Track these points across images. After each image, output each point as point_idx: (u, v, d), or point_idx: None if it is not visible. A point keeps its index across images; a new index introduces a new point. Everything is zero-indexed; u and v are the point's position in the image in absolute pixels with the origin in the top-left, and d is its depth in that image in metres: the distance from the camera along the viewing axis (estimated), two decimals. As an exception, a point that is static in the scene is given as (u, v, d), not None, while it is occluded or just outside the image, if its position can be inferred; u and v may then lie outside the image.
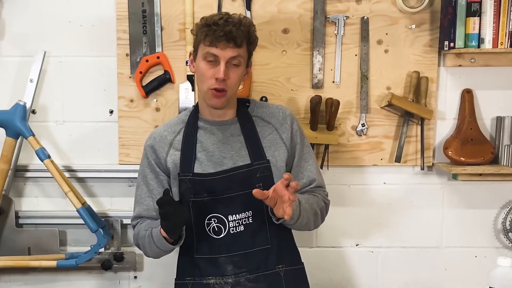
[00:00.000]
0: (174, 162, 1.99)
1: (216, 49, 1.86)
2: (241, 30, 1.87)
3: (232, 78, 1.90)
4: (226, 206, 1.95)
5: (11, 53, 2.40)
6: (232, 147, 1.98)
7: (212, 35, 1.85)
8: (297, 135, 2.05)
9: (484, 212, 2.51)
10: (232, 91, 1.94)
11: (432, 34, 2.38)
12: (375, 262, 2.53)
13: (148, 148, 2.04)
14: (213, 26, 1.86)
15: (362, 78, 2.40)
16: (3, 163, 2.30)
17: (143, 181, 2.05)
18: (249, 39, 1.91)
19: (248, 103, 2.07)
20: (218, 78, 1.87)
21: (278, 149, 2.00)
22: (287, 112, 2.06)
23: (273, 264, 1.99)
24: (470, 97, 2.41)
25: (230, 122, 2.01)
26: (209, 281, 1.97)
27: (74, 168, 2.45)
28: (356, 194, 2.48)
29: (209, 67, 1.89)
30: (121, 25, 2.38)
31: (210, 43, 1.86)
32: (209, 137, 2.00)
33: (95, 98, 2.43)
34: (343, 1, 2.37)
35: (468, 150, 2.38)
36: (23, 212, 2.45)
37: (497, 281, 1.82)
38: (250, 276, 1.97)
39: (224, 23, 1.86)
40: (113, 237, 2.44)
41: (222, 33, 1.84)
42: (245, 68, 1.96)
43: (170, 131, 2.03)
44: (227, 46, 1.86)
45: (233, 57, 1.88)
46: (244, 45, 1.90)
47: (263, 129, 2.02)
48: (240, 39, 1.86)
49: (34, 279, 2.50)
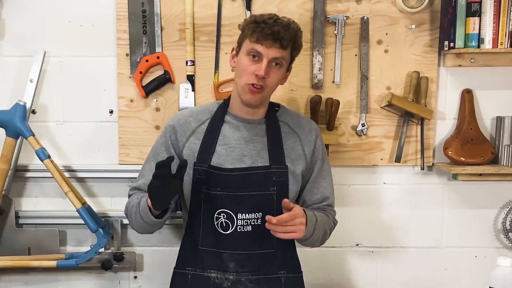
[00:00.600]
0: (192, 150, 1.99)
1: (261, 47, 1.87)
2: (289, 33, 1.88)
3: (271, 78, 1.91)
4: (237, 204, 1.95)
5: (11, 53, 2.40)
6: (254, 146, 1.99)
7: (260, 33, 1.86)
8: (319, 150, 2.07)
9: (484, 212, 2.51)
10: (269, 91, 1.95)
11: (432, 34, 2.38)
12: (375, 262, 2.53)
13: (170, 128, 2.03)
14: (261, 24, 1.87)
15: (362, 78, 2.40)
16: (3, 163, 2.30)
17: (153, 158, 2.02)
18: (294, 43, 1.92)
19: (278, 107, 2.08)
20: (259, 75, 1.87)
21: (297, 159, 2.02)
22: (313, 126, 2.09)
23: (276, 269, 2.00)
24: (470, 97, 2.41)
25: (257, 122, 2.02)
26: (210, 274, 1.97)
27: (74, 168, 2.45)
28: (356, 194, 2.48)
29: (251, 63, 1.90)
30: (121, 25, 2.38)
31: (256, 40, 1.87)
32: (233, 132, 2.00)
33: (95, 98, 2.43)
34: (343, 1, 2.37)
35: (468, 150, 2.38)
36: (23, 212, 2.45)
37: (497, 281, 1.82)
38: (252, 277, 1.98)
39: (273, 23, 1.87)
40: (113, 237, 2.44)
41: (269, 32, 1.85)
42: (285, 72, 1.97)
43: (195, 119, 2.03)
44: (273, 45, 1.87)
45: (277, 57, 1.89)
46: (289, 48, 1.91)
47: (288, 136, 2.03)
48: (286, 41, 1.87)
49: (34, 279, 2.50)
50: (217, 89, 2.39)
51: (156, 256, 2.50)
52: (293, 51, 1.94)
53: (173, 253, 2.08)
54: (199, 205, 1.97)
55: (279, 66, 1.91)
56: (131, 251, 2.49)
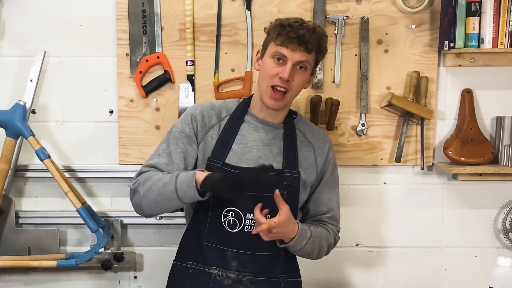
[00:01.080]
0: (208, 144, 1.98)
1: (286, 50, 1.88)
2: (314, 37, 1.89)
3: (295, 81, 1.91)
4: (247, 204, 1.94)
5: (11, 53, 2.40)
6: (271, 149, 2.00)
7: (285, 36, 1.87)
8: (330, 163, 2.09)
9: (484, 212, 2.51)
10: (292, 95, 1.95)
11: (432, 34, 2.38)
12: (375, 262, 2.53)
13: (193, 116, 1.99)
14: (287, 27, 1.88)
15: (362, 78, 2.40)
16: (3, 163, 2.30)
17: (173, 142, 1.98)
18: (319, 47, 1.93)
19: (295, 115, 2.09)
20: (283, 78, 1.88)
21: (309, 168, 2.03)
22: (327, 138, 2.12)
23: (277, 272, 2.00)
24: (470, 97, 2.41)
25: (276, 126, 2.03)
26: (212, 270, 1.97)
27: (74, 168, 2.44)
28: (356, 194, 2.48)
29: (276, 65, 1.90)
30: (121, 25, 2.38)
31: (282, 43, 1.88)
32: (251, 133, 2.00)
33: (95, 98, 2.43)
34: (343, 1, 2.37)
35: (468, 150, 2.38)
36: (23, 212, 2.45)
37: (497, 281, 1.82)
38: (253, 278, 1.98)
39: (298, 26, 1.88)
40: (113, 237, 2.44)
41: (295, 35, 1.86)
42: (309, 76, 1.97)
43: (216, 113, 2.03)
44: (298, 49, 1.87)
45: (301, 61, 1.89)
46: (314, 52, 1.92)
47: (302, 145, 2.04)
48: (311, 44, 1.88)
49: (34, 279, 2.50)
50: (217, 89, 2.39)
51: (156, 256, 2.50)
52: (317, 55, 1.95)
53: (173, 253, 2.07)
54: (207, 201, 1.94)
55: (303, 70, 1.92)
56: (131, 251, 2.49)
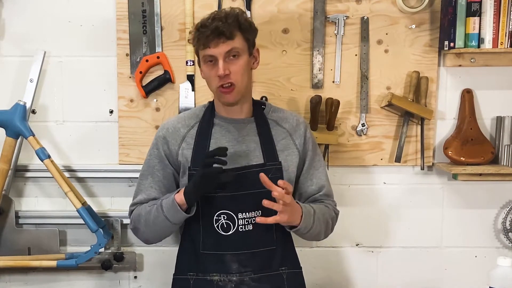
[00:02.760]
0: (185, 156, 1.99)
1: (210, 49, 1.88)
2: (228, 23, 1.87)
3: (234, 71, 1.90)
4: (236, 204, 1.95)
5: (11, 53, 2.40)
6: (247, 146, 1.99)
7: (203, 37, 1.87)
8: (309, 142, 2.07)
9: (484, 212, 2.51)
10: (241, 84, 1.93)
11: (432, 34, 2.38)
12: (375, 262, 2.53)
13: (160, 138, 2.03)
14: (201, 29, 1.88)
15: (362, 78, 2.40)
16: (3, 163, 2.30)
17: (149, 171, 2.03)
18: (240, 27, 1.90)
19: (264, 105, 2.08)
20: (220, 75, 1.88)
21: (290, 154, 2.02)
22: (300, 120, 2.10)
23: (277, 265, 2.00)
24: (470, 97, 2.41)
25: (246, 121, 2.02)
26: (213, 277, 1.97)
27: (74, 168, 2.44)
28: (356, 194, 2.48)
29: (211, 68, 1.91)
30: (121, 25, 2.38)
31: (204, 45, 1.88)
32: (224, 134, 2.00)
33: (95, 98, 2.43)
34: (343, 1, 2.37)
35: (468, 150, 2.38)
36: (23, 212, 2.45)
37: (497, 281, 1.82)
38: (255, 276, 1.98)
39: (210, 22, 1.87)
40: (113, 237, 2.44)
41: (209, 32, 1.86)
42: (249, 57, 1.95)
43: (184, 124, 2.03)
44: (219, 42, 1.87)
45: (228, 50, 1.88)
46: (238, 35, 1.89)
47: (277, 133, 2.03)
48: (228, 31, 1.86)
49: (34, 279, 2.50)
50: (216, 89, 2.39)
51: (156, 256, 2.50)
52: (244, 34, 1.92)
53: (172, 253, 2.08)
54: (196, 208, 1.95)
55: (237, 57, 1.90)
56: (131, 251, 2.49)
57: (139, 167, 2.28)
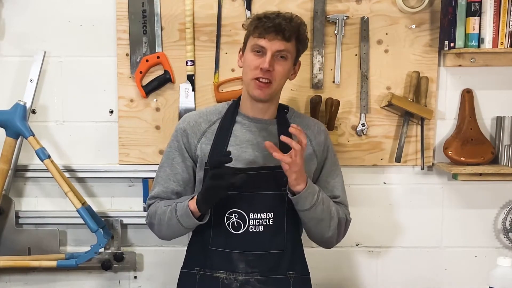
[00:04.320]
0: (204, 151, 1.98)
1: (264, 41, 1.87)
2: (291, 25, 1.88)
3: (277, 71, 1.90)
4: (249, 204, 1.94)
5: (11, 53, 2.40)
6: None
7: (262, 27, 1.87)
8: (329, 150, 2.08)
9: (484, 212, 2.51)
10: (277, 85, 1.93)
11: (432, 34, 2.38)
12: (375, 262, 2.53)
13: (181, 131, 2.02)
14: (263, 19, 1.88)
15: (362, 78, 2.40)
16: (3, 163, 2.30)
17: (168, 163, 2.02)
18: (298, 36, 1.92)
19: (287, 109, 2.08)
20: (263, 68, 1.87)
21: (309, 160, 2.01)
22: (322, 127, 2.11)
23: (285, 269, 1.99)
24: (470, 97, 2.41)
25: (269, 123, 2.01)
26: (219, 274, 1.97)
27: (74, 168, 2.44)
28: (356, 194, 2.48)
29: (256, 58, 1.90)
30: (121, 25, 2.38)
31: (259, 35, 1.88)
32: (245, 133, 1.99)
33: (95, 98, 2.43)
34: (343, 1, 2.37)
35: (468, 150, 2.38)
36: (23, 212, 2.45)
37: (497, 281, 1.82)
38: (261, 278, 1.97)
39: (275, 17, 1.88)
40: (113, 237, 2.44)
41: (271, 25, 1.86)
42: (293, 66, 1.96)
43: (205, 119, 2.02)
44: (275, 38, 1.87)
45: (280, 50, 1.88)
46: (293, 41, 1.91)
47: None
48: (289, 32, 1.87)
49: (34, 279, 2.50)
50: (217, 89, 2.39)
51: (156, 256, 2.50)
52: (298, 43, 1.93)
53: (172, 253, 2.08)
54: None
55: (284, 59, 1.91)
56: (131, 251, 2.49)
57: (139, 167, 2.28)
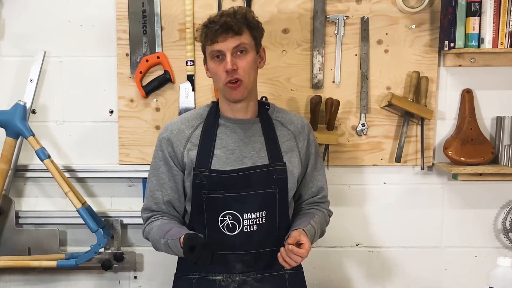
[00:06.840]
0: (190, 157, 1.97)
1: (218, 44, 1.87)
2: (237, 19, 1.87)
3: (242, 66, 1.89)
4: (242, 204, 1.94)
5: (11, 53, 2.40)
6: (253, 147, 1.98)
7: (211, 33, 1.87)
8: (312, 145, 2.08)
9: (484, 212, 2.51)
10: (248, 80, 1.92)
11: (432, 34, 2.38)
12: (375, 262, 2.53)
13: (165, 140, 2.00)
14: (209, 25, 1.88)
15: (362, 78, 2.40)
16: (3, 163, 2.30)
17: (153, 174, 2.02)
18: (248, 24, 1.90)
19: (268, 106, 2.08)
20: (228, 69, 1.87)
21: (293, 156, 2.02)
22: (305, 122, 2.09)
23: (279, 266, 1.98)
24: (470, 97, 2.41)
25: (252, 122, 2.01)
26: (215, 277, 1.97)
27: (74, 168, 2.45)
28: (356, 194, 2.48)
29: (218, 64, 1.90)
30: (121, 25, 2.38)
31: (212, 41, 1.87)
32: (229, 134, 1.99)
33: (95, 98, 2.43)
34: (343, 1, 2.37)
35: (468, 150, 2.38)
36: (23, 212, 2.45)
37: (497, 281, 1.82)
38: (257, 276, 1.98)
39: (219, 18, 1.87)
40: (113, 237, 2.44)
41: (218, 27, 1.85)
42: (256, 54, 1.95)
43: (188, 125, 2.01)
44: (227, 37, 1.86)
45: (236, 46, 1.88)
46: (246, 31, 1.89)
47: (282, 134, 2.02)
48: (237, 26, 1.86)
49: (34, 279, 2.50)
50: (217, 89, 2.39)
51: (156, 256, 2.48)
52: (251, 32, 1.92)
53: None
54: (201, 209, 1.96)
55: (245, 52, 1.90)
56: (131, 251, 2.49)
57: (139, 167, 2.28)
